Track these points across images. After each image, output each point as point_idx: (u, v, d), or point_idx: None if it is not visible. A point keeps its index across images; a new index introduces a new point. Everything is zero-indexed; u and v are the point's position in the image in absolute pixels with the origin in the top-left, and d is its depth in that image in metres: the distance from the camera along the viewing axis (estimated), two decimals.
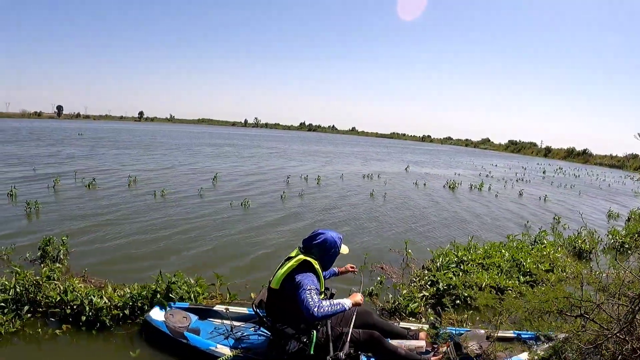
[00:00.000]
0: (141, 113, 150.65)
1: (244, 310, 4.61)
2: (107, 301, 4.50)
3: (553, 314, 3.97)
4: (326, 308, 3.45)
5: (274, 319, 3.82)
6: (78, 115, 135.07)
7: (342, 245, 4.03)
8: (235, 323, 4.38)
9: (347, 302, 3.62)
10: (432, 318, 4.59)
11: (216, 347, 3.92)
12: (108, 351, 4.11)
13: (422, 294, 5.61)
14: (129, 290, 4.79)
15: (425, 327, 4.44)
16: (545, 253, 7.36)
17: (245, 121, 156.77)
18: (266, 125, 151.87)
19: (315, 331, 3.68)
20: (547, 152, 79.13)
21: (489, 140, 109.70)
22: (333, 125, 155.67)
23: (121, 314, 4.48)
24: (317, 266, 3.76)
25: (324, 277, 4.11)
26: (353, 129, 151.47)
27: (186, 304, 4.69)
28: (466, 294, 5.68)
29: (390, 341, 3.86)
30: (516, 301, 3.93)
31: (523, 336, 4.27)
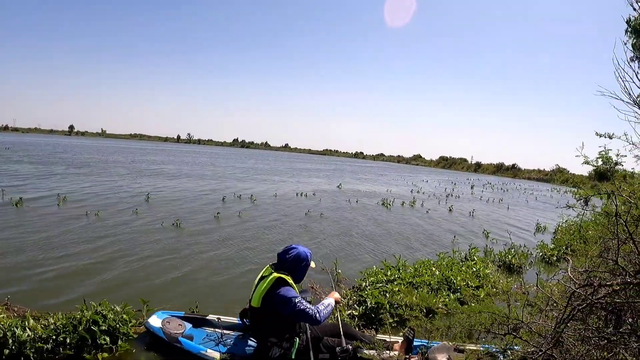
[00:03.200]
0: (71, 127, 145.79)
1: (234, 319, 4.92)
2: (30, 333, 4.17)
3: (482, 332, 3.98)
4: (324, 311, 3.98)
5: (259, 330, 4.15)
6: (6, 128, 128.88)
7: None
8: (226, 331, 4.81)
9: (332, 301, 4.20)
10: (405, 330, 4.69)
11: (207, 352, 4.30)
12: None
13: (349, 312, 5.57)
14: (53, 321, 4.46)
15: (400, 339, 4.65)
16: (475, 269, 7.39)
17: (178, 137, 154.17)
18: (199, 142, 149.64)
19: (297, 338, 4.10)
20: (477, 167, 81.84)
21: (421, 157, 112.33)
22: (266, 142, 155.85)
23: (45, 347, 4.16)
24: (290, 281, 4.05)
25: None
26: (286, 145, 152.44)
27: (181, 313, 5.09)
28: (399, 312, 5.59)
29: (365, 351, 4.08)
30: (439, 322, 3.89)
31: (492, 349, 4.21)
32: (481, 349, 4.33)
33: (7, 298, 5.27)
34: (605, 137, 3.69)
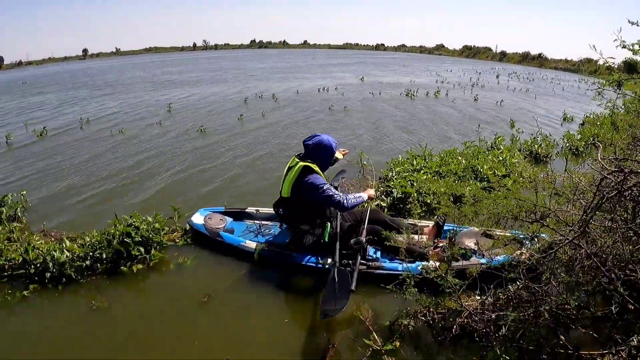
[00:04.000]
0: (85, 50, 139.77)
1: (272, 210, 4.93)
2: (68, 254, 4.39)
3: (509, 219, 4.01)
4: (352, 200, 4.15)
5: (291, 219, 4.37)
6: (20, 63, 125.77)
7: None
8: (264, 222, 5.14)
9: (364, 195, 4.36)
10: (437, 217, 4.84)
11: (245, 243, 4.58)
12: (77, 302, 4.06)
13: (377, 203, 5.69)
14: (88, 239, 4.69)
15: (431, 223, 4.86)
16: (501, 158, 7.38)
17: (194, 44, 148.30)
18: (215, 47, 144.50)
19: (329, 223, 4.27)
20: (502, 57, 78.18)
21: (444, 47, 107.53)
22: (284, 41, 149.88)
23: (84, 265, 4.39)
24: (316, 168, 4.20)
25: None
26: (305, 42, 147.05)
27: (222, 208, 5.39)
28: (426, 200, 5.75)
29: (396, 236, 4.14)
30: (469, 208, 3.93)
31: (519, 236, 4.27)
32: (509, 234, 4.35)
33: (44, 225, 5.47)
34: (638, 25, 3.54)
